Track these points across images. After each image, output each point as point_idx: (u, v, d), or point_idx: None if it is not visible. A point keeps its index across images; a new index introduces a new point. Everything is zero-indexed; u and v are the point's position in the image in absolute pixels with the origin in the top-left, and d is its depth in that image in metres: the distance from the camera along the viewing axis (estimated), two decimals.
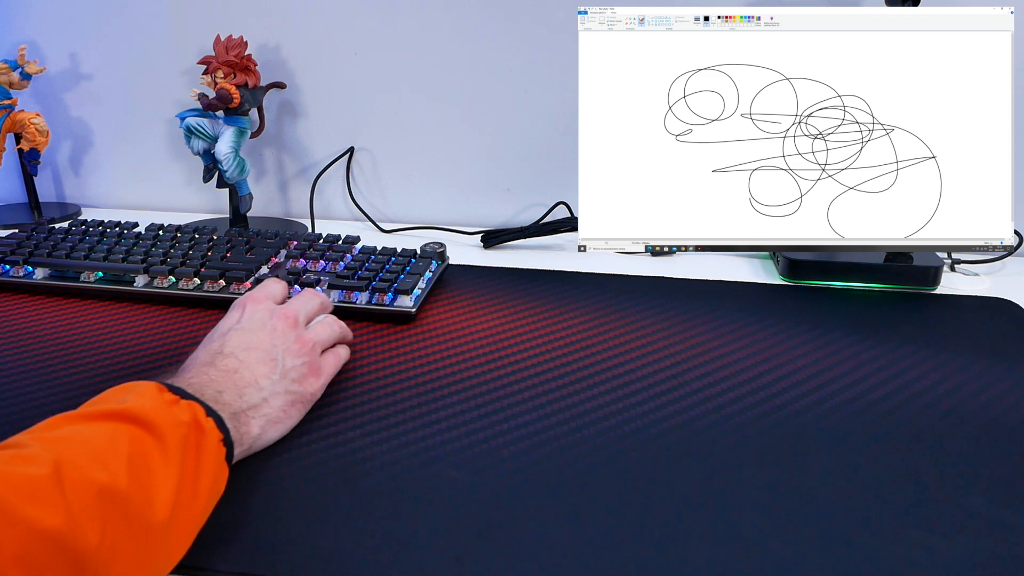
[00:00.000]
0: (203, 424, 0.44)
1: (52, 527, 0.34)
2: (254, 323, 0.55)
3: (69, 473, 0.36)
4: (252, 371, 0.51)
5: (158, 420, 0.41)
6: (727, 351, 0.64)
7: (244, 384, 0.50)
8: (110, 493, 0.37)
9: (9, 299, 0.74)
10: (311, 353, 0.55)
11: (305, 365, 0.54)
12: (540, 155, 0.98)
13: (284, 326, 0.55)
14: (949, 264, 0.85)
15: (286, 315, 0.56)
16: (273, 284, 0.62)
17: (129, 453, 0.39)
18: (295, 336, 0.55)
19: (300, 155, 1.04)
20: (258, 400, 0.50)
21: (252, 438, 0.48)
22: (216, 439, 0.44)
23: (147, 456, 0.39)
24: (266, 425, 0.50)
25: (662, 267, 0.85)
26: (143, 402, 0.42)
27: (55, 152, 1.09)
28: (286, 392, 0.52)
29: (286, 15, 0.97)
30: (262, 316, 0.56)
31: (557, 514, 0.44)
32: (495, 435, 0.52)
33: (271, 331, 0.54)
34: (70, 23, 1.02)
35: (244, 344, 0.52)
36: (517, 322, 0.70)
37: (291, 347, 0.54)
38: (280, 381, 0.51)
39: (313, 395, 0.54)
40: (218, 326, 0.56)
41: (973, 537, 0.43)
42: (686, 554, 0.41)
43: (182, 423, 0.42)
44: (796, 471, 0.49)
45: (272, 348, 0.53)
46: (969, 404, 0.57)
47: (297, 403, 0.52)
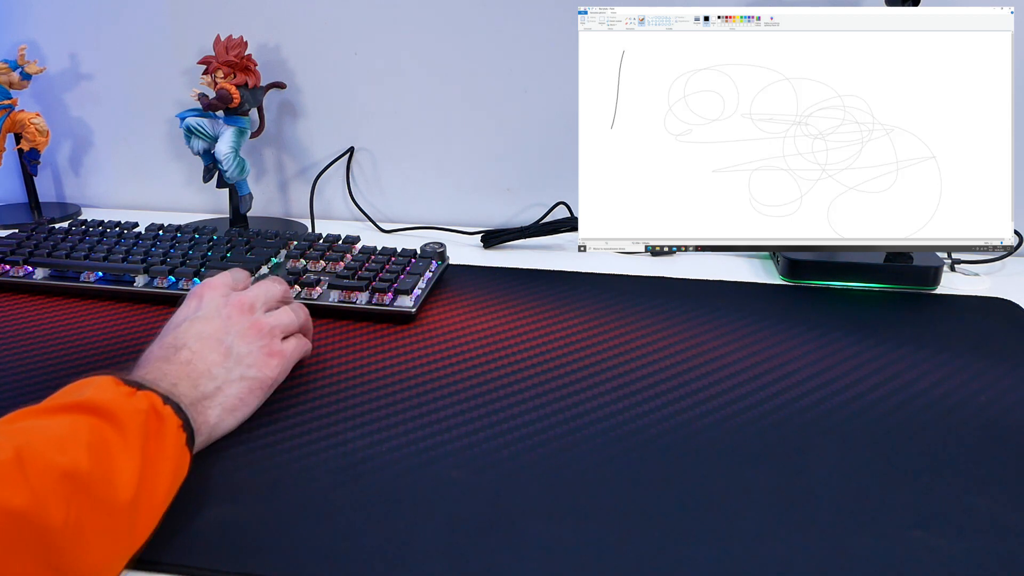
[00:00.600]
0: (161, 411, 0.44)
1: (17, 506, 0.35)
2: (208, 312, 0.55)
3: (30, 457, 0.36)
4: (205, 360, 0.51)
5: (116, 409, 0.42)
6: (727, 351, 0.64)
7: (198, 374, 0.50)
8: (72, 475, 0.37)
9: (9, 299, 0.74)
10: (268, 336, 0.55)
11: (261, 350, 0.54)
12: (540, 155, 0.98)
13: (237, 312, 0.55)
14: (949, 264, 0.85)
15: (241, 302, 0.56)
16: (234, 271, 0.61)
17: (89, 440, 0.39)
18: (249, 322, 0.55)
19: (300, 155, 1.04)
20: (211, 389, 0.50)
21: (210, 427, 0.49)
22: (175, 425, 0.44)
23: (107, 442, 0.40)
24: (223, 413, 0.50)
25: (662, 267, 0.85)
26: (101, 394, 0.43)
27: (55, 152, 1.09)
28: (241, 379, 0.52)
29: (286, 15, 0.97)
30: (216, 304, 0.55)
31: (557, 514, 0.44)
32: (495, 435, 0.52)
33: (224, 319, 0.54)
34: (70, 23, 1.02)
35: (197, 334, 0.52)
36: (517, 322, 0.70)
37: (245, 333, 0.54)
38: (234, 368, 0.52)
39: (273, 379, 0.54)
40: (173, 317, 0.56)
41: (973, 537, 0.43)
42: (686, 554, 0.41)
43: (140, 411, 0.43)
44: (796, 471, 0.49)
45: (224, 335, 0.53)
46: (969, 404, 0.57)
47: (255, 389, 0.53)
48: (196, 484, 0.46)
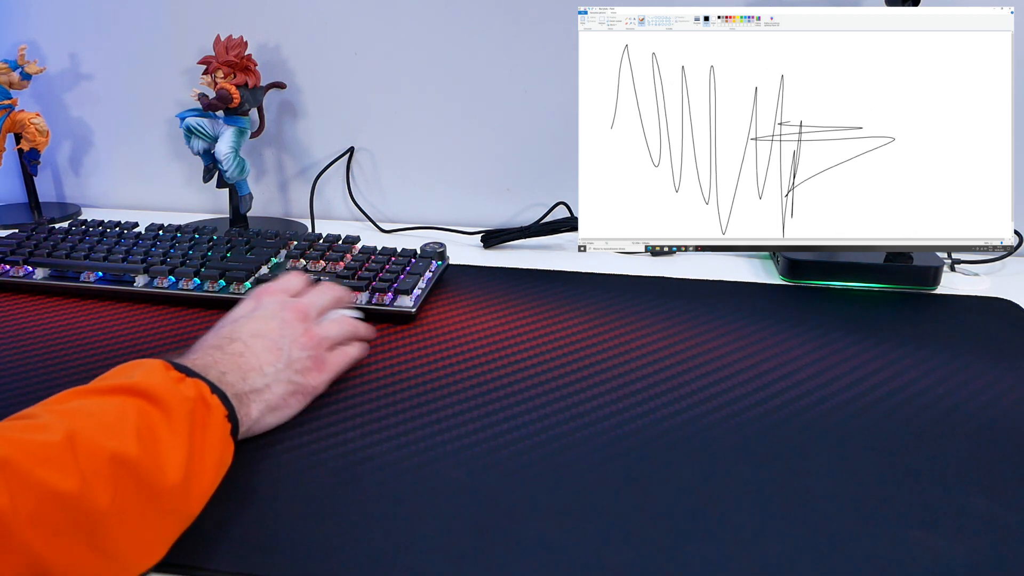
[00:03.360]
0: (208, 400, 0.45)
1: (66, 489, 0.36)
2: (265, 313, 0.56)
3: (81, 440, 0.37)
4: (257, 357, 0.52)
5: (164, 394, 0.43)
6: (727, 351, 0.64)
7: (248, 368, 0.51)
8: (121, 459, 0.38)
9: (9, 299, 0.74)
10: (317, 347, 0.56)
11: (310, 359, 0.55)
12: (540, 155, 0.98)
13: (294, 318, 0.56)
14: (949, 264, 0.85)
15: (297, 308, 0.57)
16: (292, 277, 0.63)
17: (137, 424, 0.40)
18: (303, 329, 0.56)
19: (300, 155, 1.04)
20: (260, 385, 0.51)
21: (251, 420, 0.49)
22: (221, 414, 0.46)
23: (154, 427, 0.41)
24: (265, 410, 0.51)
25: (662, 267, 0.85)
26: (150, 378, 0.43)
27: (55, 152, 1.09)
28: (288, 382, 0.53)
29: (286, 15, 0.97)
30: (274, 307, 0.57)
31: (557, 514, 0.44)
32: (495, 435, 0.52)
33: (281, 322, 0.55)
34: (70, 23, 1.02)
35: (252, 331, 0.54)
36: (517, 322, 0.70)
37: (298, 339, 0.55)
38: (284, 370, 0.53)
39: (315, 388, 0.55)
40: (230, 313, 0.58)
41: (973, 537, 0.43)
42: (686, 554, 0.41)
43: (188, 398, 0.44)
44: (796, 471, 0.49)
45: (280, 338, 0.54)
46: (969, 404, 0.57)
47: (297, 394, 0.53)
48: None
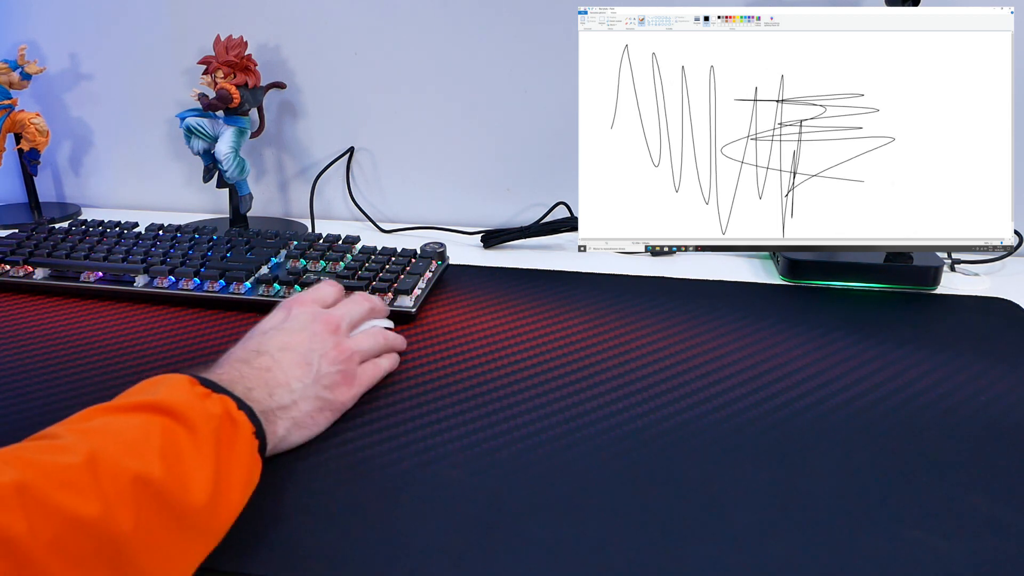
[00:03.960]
0: (235, 417, 0.44)
1: (88, 514, 0.34)
2: (295, 325, 0.54)
3: (103, 462, 0.36)
4: (285, 372, 0.50)
5: (189, 412, 0.41)
6: (727, 351, 0.64)
7: (276, 384, 0.49)
8: (144, 481, 0.37)
9: (9, 299, 0.74)
10: (348, 362, 0.54)
11: (339, 373, 0.53)
12: (540, 155, 0.98)
13: (324, 331, 0.54)
14: (949, 264, 0.85)
15: (328, 320, 0.56)
16: (325, 287, 0.62)
17: (161, 443, 0.39)
18: (334, 342, 0.54)
19: (300, 155, 1.04)
20: (287, 401, 0.49)
21: (277, 439, 0.48)
22: (249, 431, 0.45)
23: (179, 446, 0.40)
24: (292, 427, 0.49)
25: (662, 267, 0.85)
26: (174, 394, 0.42)
27: (55, 152, 1.09)
28: (316, 397, 0.51)
29: (286, 15, 0.97)
30: (304, 319, 0.55)
31: (557, 514, 0.44)
32: (495, 435, 0.52)
33: (311, 335, 0.54)
34: (70, 23, 1.02)
35: (281, 344, 0.52)
36: (517, 322, 0.70)
37: (328, 353, 0.53)
38: (312, 386, 0.51)
39: (344, 404, 0.54)
40: (260, 324, 0.56)
41: (973, 537, 0.43)
42: (686, 554, 0.41)
43: (213, 416, 0.42)
44: (796, 471, 0.49)
45: (309, 352, 0.52)
46: (969, 404, 0.57)
47: (326, 410, 0.52)
48: None
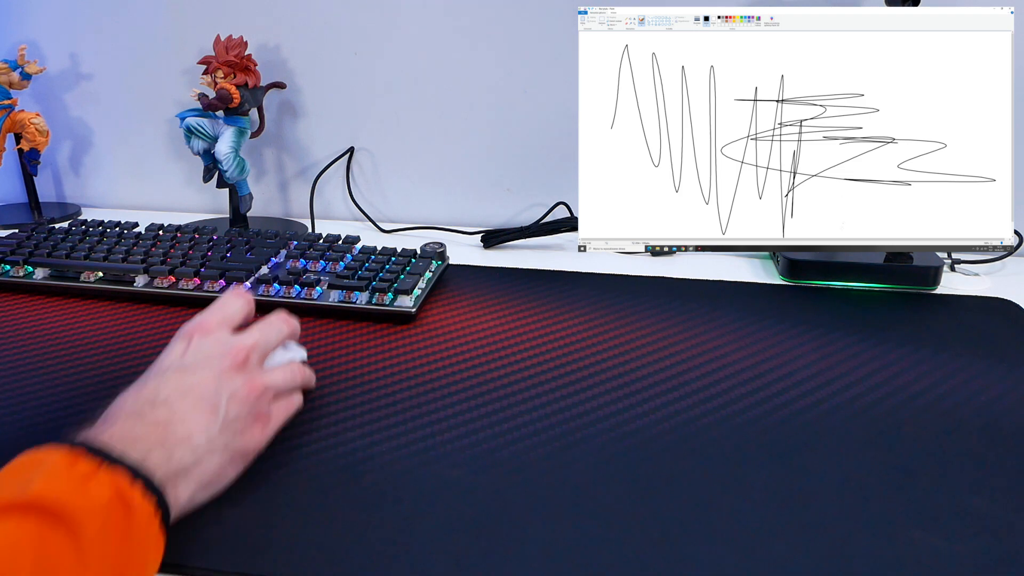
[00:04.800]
0: (128, 498, 0.37)
1: None
2: (197, 359, 0.47)
3: None
4: (186, 423, 0.43)
5: (70, 506, 0.35)
6: (727, 351, 0.64)
7: (176, 441, 0.42)
8: None
9: (9, 299, 0.74)
10: (260, 399, 0.47)
11: (251, 415, 0.46)
12: (540, 155, 0.98)
13: (232, 366, 0.47)
14: (949, 264, 0.85)
15: (237, 352, 0.48)
16: (231, 302, 0.53)
17: (35, 559, 0.33)
18: (244, 378, 0.47)
19: (300, 155, 1.04)
20: (190, 461, 0.42)
21: (180, 506, 0.41)
22: (147, 511, 0.38)
23: (58, 559, 0.33)
24: (197, 490, 0.42)
25: (662, 267, 0.85)
26: (52, 483, 0.36)
27: (55, 152, 1.09)
28: (224, 448, 0.44)
29: (286, 15, 0.97)
30: (208, 351, 0.48)
31: (557, 514, 0.44)
32: (495, 435, 0.52)
33: (216, 373, 0.46)
34: (70, 23, 1.02)
35: (181, 388, 0.44)
36: (517, 322, 0.70)
37: (237, 392, 0.46)
38: (219, 435, 0.44)
39: (255, 450, 0.47)
40: (158, 361, 0.48)
41: (973, 537, 0.43)
42: (686, 554, 0.41)
43: (100, 506, 0.36)
44: (796, 471, 0.49)
45: (214, 394, 0.45)
46: (969, 404, 0.57)
47: (237, 461, 0.45)
48: None
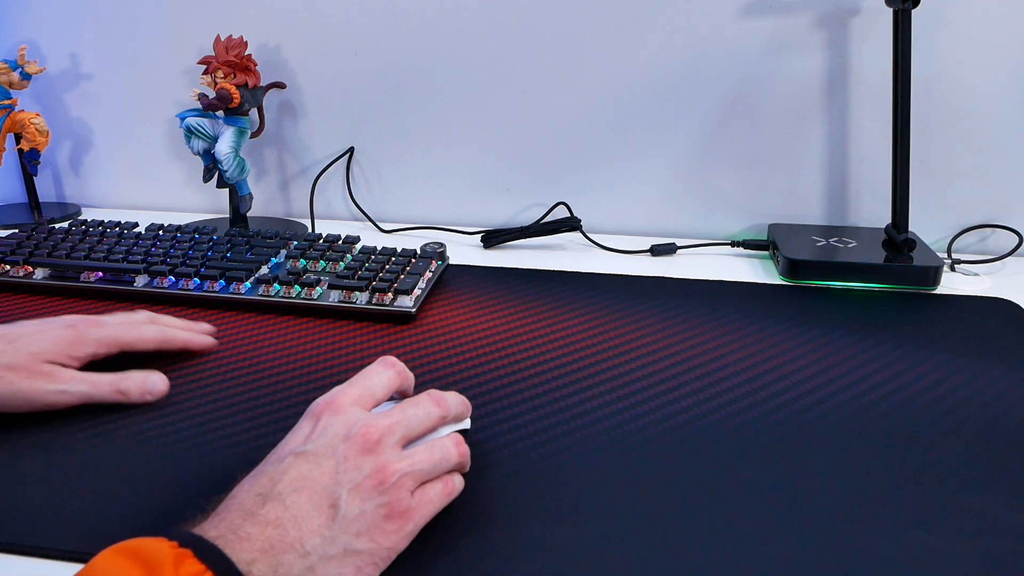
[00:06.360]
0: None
1: None
2: (322, 446, 0.40)
3: None
4: (299, 525, 0.37)
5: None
6: (727, 351, 0.64)
7: (284, 546, 0.36)
8: None
9: (9, 299, 0.74)
10: (395, 489, 0.39)
11: (379, 509, 0.39)
12: (540, 155, 0.98)
13: (357, 451, 0.40)
14: (949, 264, 0.85)
15: (366, 435, 0.40)
16: (376, 374, 0.46)
17: None
18: (372, 467, 0.39)
19: (300, 155, 1.04)
20: (299, 570, 0.36)
21: None
22: None
23: None
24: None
25: (662, 267, 0.85)
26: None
27: (55, 152, 1.09)
28: (344, 553, 0.37)
29: (286, 15, 0.97)
30: (333, 434, 0.41)
31: (557, 514, 0.44)
32: (494, 435, 0.52)
33: (338, 461, 0.39)
34: (70, 23, 1.02)
35: (298, 479, 0.38)
36: (517, 322, 0.70)
37: (362, 483, 0.39)
38: (338, 536, 0.37)
39: (391, 550, 0.39)
40: (281, 443, 0.42)
41: (973, 537, 0.43)
42: (686, 553, 0.41)
43: None
44: (796, 471, 0.49)
45: (334, 485, 0.38)
46: (969, 404, 0.57)
47: (365, 567, 0.37)
48: (197, 483, 0.46)
